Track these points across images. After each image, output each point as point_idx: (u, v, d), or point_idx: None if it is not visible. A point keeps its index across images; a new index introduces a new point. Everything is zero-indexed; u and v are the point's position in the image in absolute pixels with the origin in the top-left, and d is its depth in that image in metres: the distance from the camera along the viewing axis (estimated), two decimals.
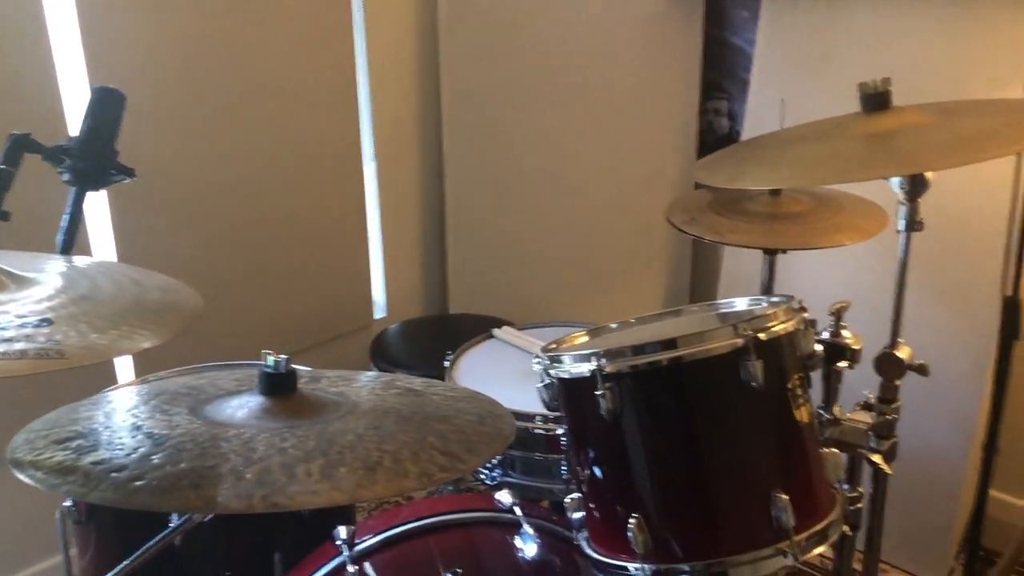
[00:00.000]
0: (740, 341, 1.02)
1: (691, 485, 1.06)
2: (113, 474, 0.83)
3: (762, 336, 1.04)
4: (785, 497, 1.03)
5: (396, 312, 2.75)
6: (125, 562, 1.01)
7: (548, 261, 2.75)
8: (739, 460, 1.07)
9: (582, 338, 1.29)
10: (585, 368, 1.07)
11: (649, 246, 2.80)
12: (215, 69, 2.10)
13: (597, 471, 1.12)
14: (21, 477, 0.86)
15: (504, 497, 1.22)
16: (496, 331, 1.83)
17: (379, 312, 2.74)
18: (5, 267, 0.94)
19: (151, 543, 1.04)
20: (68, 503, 1.34)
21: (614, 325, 1.31)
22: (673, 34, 2.62)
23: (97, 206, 1.94)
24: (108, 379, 1.98)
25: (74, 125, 1.83)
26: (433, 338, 2.40)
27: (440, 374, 1.71)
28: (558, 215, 2.72)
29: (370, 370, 2.17)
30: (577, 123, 2.65)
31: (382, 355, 2.21)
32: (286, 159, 2.31)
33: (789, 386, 1.09)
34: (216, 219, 2.19)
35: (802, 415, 1.10)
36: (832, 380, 1.39)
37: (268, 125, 2.25)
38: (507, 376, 1.67)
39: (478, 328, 1.91)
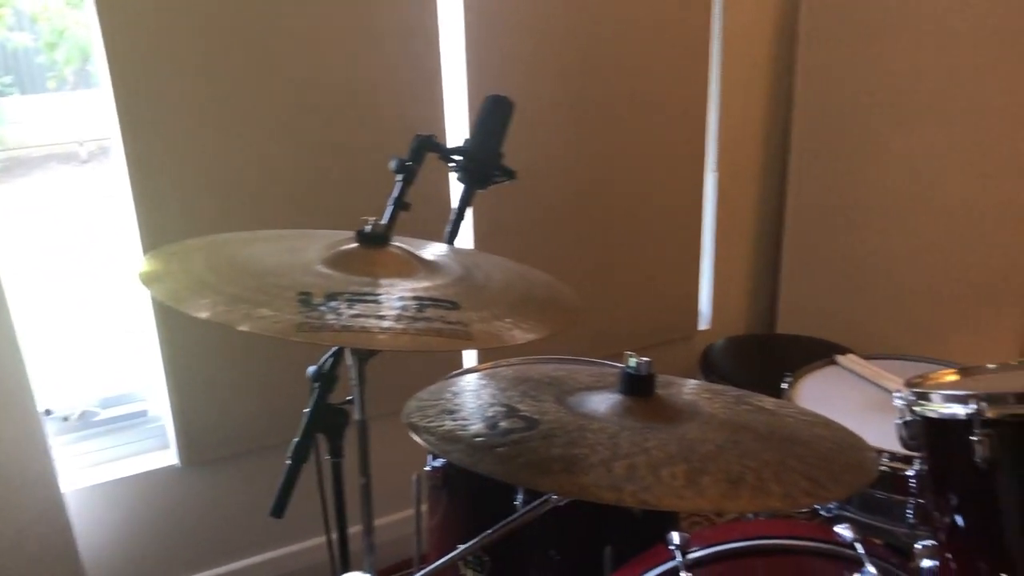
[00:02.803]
0: None
1: None
2: (497, 449, 0.92)
3: None
4: None
5: (720, 325, 2.73)
6: (486, 532, 1.11)
7: (891, 289, 2.58)
8: None
9: (951, 376, 1.20)
10: (960, 410, 1.01)
11: (1010, 283, 2.53)
12: (578, 78, 2.21)
13: (961, 520, 1.04)
14: (417, 439, 0.97)
15: (845, 531, 1.17)
16: (839, 357, 1.75)
17: (703, 324, 2.73)
18: (418, 253, 1.07)
19: (511, 518, 1.13)
20: (427, 468, 1.49)
21: (991, 366, 1.21)
22: None
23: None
24: (454, 363, 2.15)
25: (453, 128, 2.04)
26: (764, 356, 2.36)
27: (774, 395, 1.67)
28: (906, 240, 2.55)
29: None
30: (936, 143, 2.46)
31: (712, 368, 2.21)
32: (634, 165, 2.37)
33: None
34: (564, 220, 2.30)
35: None
36: None
37: (621, 132, 2.32)
38: (849, 406, 1.59)
39: (811, 352, 1.84)
